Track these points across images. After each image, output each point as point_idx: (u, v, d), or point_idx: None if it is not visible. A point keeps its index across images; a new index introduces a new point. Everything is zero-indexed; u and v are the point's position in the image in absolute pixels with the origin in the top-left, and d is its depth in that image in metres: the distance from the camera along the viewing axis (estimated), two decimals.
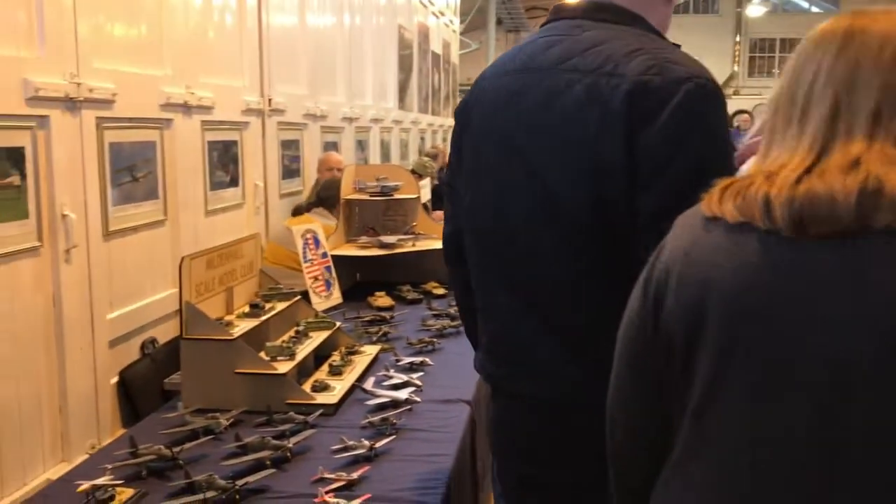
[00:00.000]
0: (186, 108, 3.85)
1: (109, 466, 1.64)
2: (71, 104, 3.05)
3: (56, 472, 2.49)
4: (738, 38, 24.28)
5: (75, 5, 3.08)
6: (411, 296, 3.42)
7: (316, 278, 3.16)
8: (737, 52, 24.42)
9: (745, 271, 0.90)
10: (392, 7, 7.90)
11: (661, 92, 1.48)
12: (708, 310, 0.92)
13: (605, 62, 1.51)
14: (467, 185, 1.55)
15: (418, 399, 2.11)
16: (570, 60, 1.49)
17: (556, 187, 1.36)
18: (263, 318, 2.31)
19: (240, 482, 1.59)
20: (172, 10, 3.76)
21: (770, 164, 0.96)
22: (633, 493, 1.10)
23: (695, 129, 1.34)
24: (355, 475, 1.67)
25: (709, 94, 1.39)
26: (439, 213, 5.93)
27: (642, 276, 1.05)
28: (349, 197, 3.70)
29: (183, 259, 2.06)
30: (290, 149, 5.39)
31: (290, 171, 5.37)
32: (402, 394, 2.13)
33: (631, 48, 1.55)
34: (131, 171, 3.47)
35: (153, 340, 3.69)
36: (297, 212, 4.38)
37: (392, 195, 3.70)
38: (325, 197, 4.40)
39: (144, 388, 3.53)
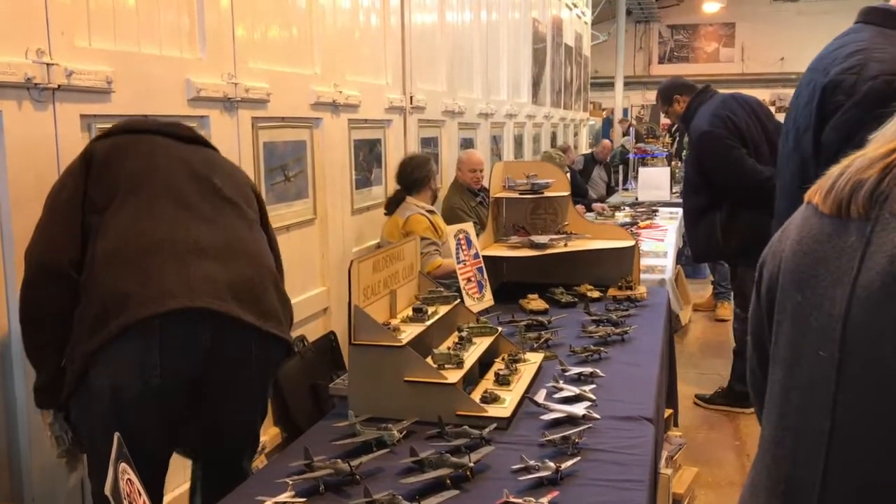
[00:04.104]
0: (335, 107, 3.85)
1: (290, 481, 1.58)
2: (229, 104, 3.07)
3: None
4: None
5: (233, 10, 3.11)
6: (565, 299, 3.25)
7: (469, 280, 3.05)
8: None
9: (797, 244, 1.05)
10: (527, 0, 7.74)
11: (850, 89, 2.02)
12: (778, 276, 1.07)
13: (828, 63, 2.06)
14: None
15: (597, 416, 1.95)
16: (819, 62, 1.99)
17: None
18: (428, 323, 2.22)
19: (425, 503, 1.48)
20: (322, 12, 3.76)
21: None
22: None
23: (866, 125, 1.30)
24: (545, 500, 1.53)
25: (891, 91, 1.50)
26: (579, 207, 5.73)
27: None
28: (498, 195, 3.57)
29: (352, 262, 1.99)
30: (429, 146, 5.35)
31: None
32: (578, 409, 1.98)
33: (859, 48, 2.08)
34: (284, 171, 3.48)
35: (302, 339, 3.71)
36: (390, 208, 4.23)
37: (542, 193, 3.55)
38: (410, 181, 4.19)
39: (294, 385, 3.55)
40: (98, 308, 1.88)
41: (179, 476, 2.76)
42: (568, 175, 6.47)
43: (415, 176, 4.17)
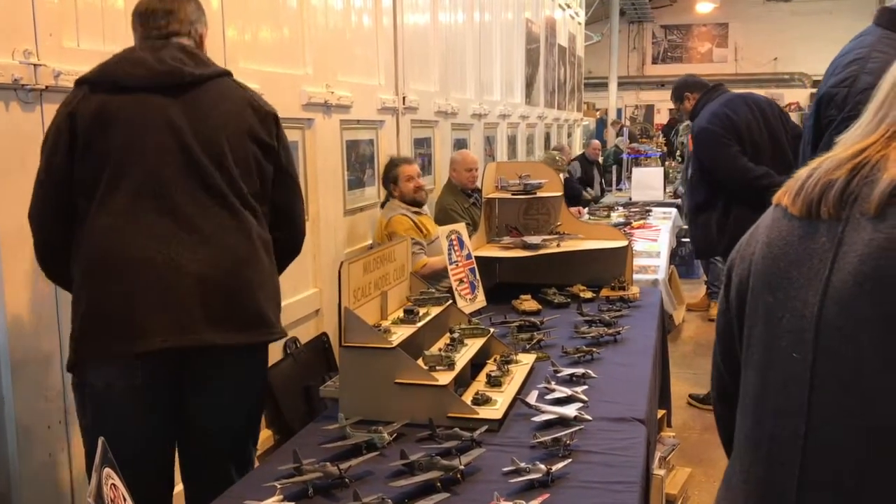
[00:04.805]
0: (327, 108, 3.84)
1: (278, 485, 1.57)
2: None
3: None
4: None
5: (223, 11, 3.09)
6: (558, 299, 3.24)
7: (461, 280, 3.03)
8: None
9: (766, 246, 1.05)
10: (520, 1, 7.74)
11: (841, 103, 2.01)
12: (749, 279, 1.07)
13: (830, 72, 2.13)
14: None
15: (589, 417, 1.94)
16: (829, 66, 2.10)
17: None
18: (419, 324, 2.21)
19: None
20: (313, 12, 3.74)
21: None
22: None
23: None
24: (535, 503, 1.52)
25: None
26: (573, 210, 5.72)
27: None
28: (490, 196, 3.56)
29: (342, 264, 1.98)
30: (422, 147, 5.34)
31: (422, 169, 5.30)
32: (570, 410, 1.97)
33: (857, 57, 2.06)
34: None
35: (295, 340, 3.69)
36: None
37: (535, 193, 3.54)
38: (384, 184, 4.35)
39: (287, 387, 3.53)
40: (80, 320, 1.96)
41: None
42: (562, 177, 6.48)
43: (386, 178, 4.32)
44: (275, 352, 3.54)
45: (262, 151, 2.12)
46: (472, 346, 2.28)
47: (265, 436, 3.42)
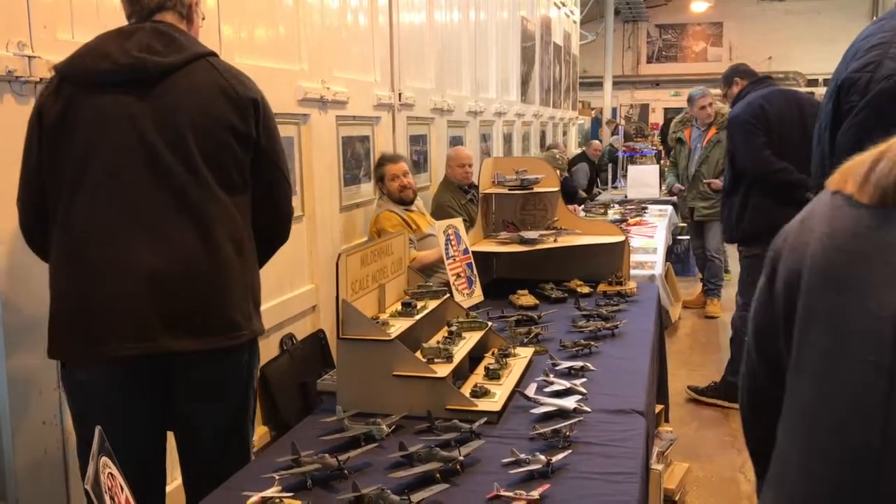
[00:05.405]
0: (322, 104, 3.82)
1: (276, 476, 1.56)
2: None
3: None
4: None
5: (219, 9, 3.08)
6: (555, 294, 3.24)
7: (458, 275, 3.03)
8: None
9: (828, 238, 0.93)
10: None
11: (864, 89, 1.94)
12: (802, 274, 0.95)
13: (851, 56, 2.05)
14: None
15: (588, 409, 1.94)
16: (848, 51, 2.04)
17: None
18: (417, 317, 2.20)
19: (414, 497, 1.46)
20: (309, 10, 3.74)
21: None
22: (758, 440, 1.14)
23: (877, 128, 1.29)
24: (536, 494, 1.51)
25: None
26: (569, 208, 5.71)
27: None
28: (487, 191, 3.55)
29: (340, 256, 1.97)
30: (418, 143, 5.33)
31: (417, 165, 5.30)
32: (569, 402, 1.96)
33: (881, 41, 1.98)
34: None
35: (291, 337, 3.68)
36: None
37: (532, 188, 3.53)
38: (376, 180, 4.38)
39: (283, 383, 3.52)
40: (50, 320, 1.96)
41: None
42: (560, 175, 6.48)
43: (376, 175, 4.34)
44: (271, 348, 3.53)
45: (237, 140, 2.00)
46: (471, 340, 2.27)
47: (262, 432, 3.41)
